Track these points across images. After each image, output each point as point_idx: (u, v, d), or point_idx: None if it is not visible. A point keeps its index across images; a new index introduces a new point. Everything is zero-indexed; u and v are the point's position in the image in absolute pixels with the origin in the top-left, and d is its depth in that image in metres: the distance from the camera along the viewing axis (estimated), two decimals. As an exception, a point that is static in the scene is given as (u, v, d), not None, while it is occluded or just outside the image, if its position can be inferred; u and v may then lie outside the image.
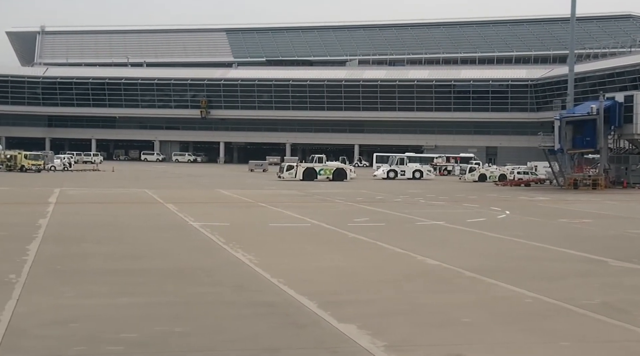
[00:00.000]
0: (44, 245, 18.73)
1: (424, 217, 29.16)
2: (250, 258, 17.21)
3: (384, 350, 9.42)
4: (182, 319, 11.04)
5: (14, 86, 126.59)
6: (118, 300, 12.38)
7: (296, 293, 13.08)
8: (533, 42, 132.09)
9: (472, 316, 11.47)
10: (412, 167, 73.23)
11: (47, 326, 10.48)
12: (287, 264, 16.55)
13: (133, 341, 9.74)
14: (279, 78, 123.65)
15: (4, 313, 11.14)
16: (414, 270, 16.03)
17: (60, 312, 11.33)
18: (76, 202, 34.54)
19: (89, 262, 16.36)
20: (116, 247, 19.00)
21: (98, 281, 14.01)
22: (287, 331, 10.44)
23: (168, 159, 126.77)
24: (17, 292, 12.77)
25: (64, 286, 13.38)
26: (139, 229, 23.28)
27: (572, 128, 52.51)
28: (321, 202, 38.30)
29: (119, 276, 14.75)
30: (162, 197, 38.50)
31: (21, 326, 10.42)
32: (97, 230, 22.72)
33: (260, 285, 14.01)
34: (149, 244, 19.74)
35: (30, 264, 15.75)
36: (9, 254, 17.24)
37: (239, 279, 14.57)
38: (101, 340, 9.73)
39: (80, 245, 19.18)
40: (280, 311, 11.70)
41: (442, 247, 19.96)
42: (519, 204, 38.53)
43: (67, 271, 15.15)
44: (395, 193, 45.78)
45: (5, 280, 13.95)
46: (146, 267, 15.96)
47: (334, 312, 11.53)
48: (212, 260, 17.10)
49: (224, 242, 20.08)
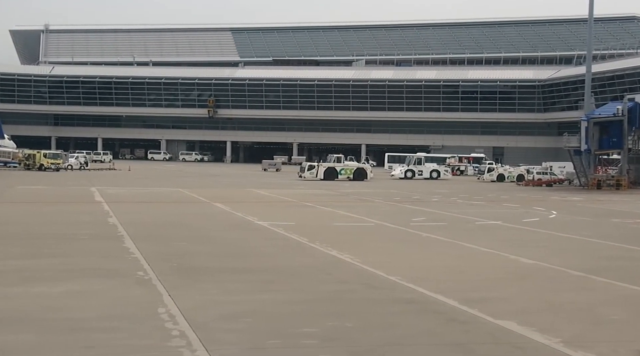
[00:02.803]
0: (140, 243, 19.00)
1: (477, 217, 29.56)
2: (350, 256, 17.55)
3: (564, 346, 9.80)
4: (344, 315, 11.38)
5: (21, 85, 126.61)
6: (262, 296, 12.69)
7: (427, 290, 13.43)
8: (539, 43, 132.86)
9: (618, 314, 11.86)
10: (430, 167, 73.76)
11: (226, 320, 10.83)
12: (390, 263, 16.88)
13: (319, 335, 10.09)
14: (287, 78, 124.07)
15: (172, 309, 11.48)
16: (516, 269, 16.42)
17: (223, 308, 11.67)
18: (123, 201, 34.77)
19: (198, 261, 16.68)
20: (209, 246, 19.31)
21: (225, 279, 14.35)
22: (454, 327, 10.80)
23: (175, 158, 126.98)
24: (161, 289, 13.10)
25: (200, 284, 13.70)
26: (213, 229, 23.57)
27: (598, 129, 53.13)
28: (362, 201, 38.66)
29: (238, 274, 15.07)
30: (203, 196, 38.81)
31: (199, 320, 10.74)
32: (173, 229, 23.02)
33: (384, 282, 14.36)
34: (236, 244, 20.06)
35: (145, 262, 16.04)
36: (114, 253, 17.56)
37: (359, 277, 14.92)
38: (288, 334, 10.09)
39: (172, 244, 19.48)
40: (428, 308, 12.06)
41: (523, 247, 20.31)
42: (557, 204, 38.98)
43: (185, 269, 15.45)
44: (427, 193, 46.20)
45: (139, 277, 14.29)
46: (255, 266, 16.27)
47: (481, 309, 11.89)
48: (314, 259, 17.42)
49: (309, 241, 20.44)
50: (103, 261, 16.30)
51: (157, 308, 11.60)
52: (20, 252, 17.35)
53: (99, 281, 13.75)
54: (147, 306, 11.75)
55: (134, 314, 11.20)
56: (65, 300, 12.15)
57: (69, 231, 21.76)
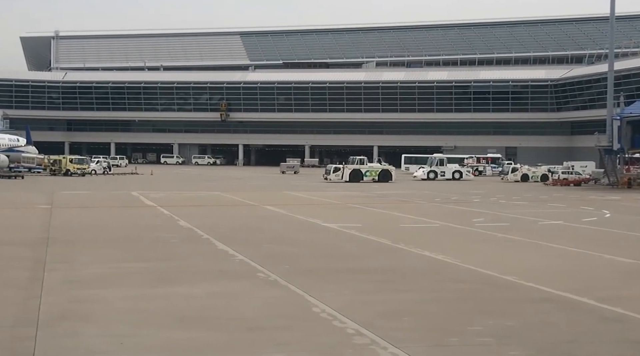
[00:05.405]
0: (233, 246, 19.19)
1: (535, 217, 29.85)
2: (445, 256, 17.83)
3: None
4: (494, 313, 11.68)
5: (34, 91, 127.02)
6: (397, 296, 12.99)
7: (554, 290, 13.68)
8: (549, 43, 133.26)
9: None
10: (452, 167, 74.09)
11: (387, 319, 11.11)
12: (491, 263, 17.12)
13: (488, 333, 10.40)
14: (298, 80, 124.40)
15: (325, 308, 11.77)
16: (621, 268, 16.70)
17: (374, 307, 11.96)
18: (174, 205, 34.93)
19: (305, 262, 16.96)
20: (299, 248, 19.57)
21: (347, 279, 14.59)
22: (612, 325, 11.10)
23: (187, 162, 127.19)
24: (296, 290, 13.37)
25: (329, 284, 13.99)
26: (286, 231, 23.81)
27: (630, 128, 53.43)
28: (403, 202, 38.93)
29: (355, 274, 15.32)
30: (247, 199, 39.09)
31: (361, 319, 11.02)
32: (249, 232, 23.28)
33: (504, 282, 14.62)
34: (323, 245, 20.31)
35: (256, 264, 16.28)
36: (217, 255, 17.87)
37: (472, 277, 15.21)
38: (459, 333, 10.38)
39: (263, 246, 19.73)
40: (571, 307, 12.32)
41: (609, 246, 20.44)
42: (602, 203, 39.16)
43: (301, 270, 15.71)
44: (463, 194, 46.45)
45: (263, 278, 14.59)
46: (363, 267, 16.52)
47: (625, 307, 12.10)
48: (413, 260, 17.69)
49: (392, 242, 20.71)
50: (214, 263, 16.60)
51: (312, 308, 11.89)
52: (125, 255, 17.64)
53: (230, 283, 14.05)
54: (300, 306, 12.06)
55: (294, 314, 11.49)
56: (215, 300, 12.45)
57: (152, 234, 22.06)
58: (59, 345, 9.56)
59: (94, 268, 15.62)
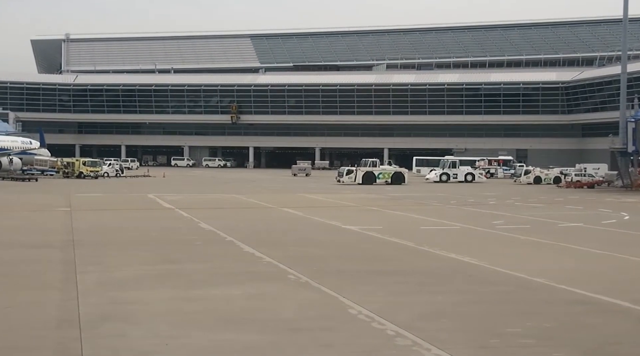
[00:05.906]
0: (259, 248, 19.27)
1: (555, 219, 29.84)
2: (471, 259, 17.87)
3: None
4: (531, 315, 11.73)
5: (45, 94, 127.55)
6: (432, 298, 13.05)
7: (587, 292, 13.72)
8: (560, 45, 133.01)
9: None
10: (464, 170, 74.04)
11: (426, 321, 11.17)
12: (518, 264, 17.12)
13: (529, 335, 10.45)
14: (309, 83, 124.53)
15: (362, 310, 11.83)
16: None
17: (411, 309, 12.02)
18: (192, 207, 35.00)
19: (333, 264, 17.03)
20: (325, 249, 19.64)
21: (379, 281, 14.65)
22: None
23: (198, 164, 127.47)
24: (329, 291, 13.43)
25: (361, 286, 14.05)
26: (309, 233, 23.89)
27: (646, 131, 53.44)
28: (421, 205, 38.93)
29: (385, 276, 15.39)
30: (264, 201, 39.15)
31: (400, 320, 11.08)
32: (272, 234, 23.39)
33: (535, 284, 14.63)
34: (347, 247, 20.38)
35: (285, 266, 16.34)
36: (244, 257, 17.94)
37: (503, 279, 15.25)
38: (499, 334, 10.44)
39: (289, 248, 19.81)
40: (607, 309, 12.38)
41: (634, 248, 20.51)
42: (618, 205, 39.19)
43: (331, 272, 15.78)
44: (479, 197, 46.44)
45: (294, 280, 14.66)
46: (392, 268, 16.62)
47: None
48: (441, 262, 17.70)
49: (416, 244, 20.76)
50: (243, 265, 16.69)
51: (348, 310, 11.96)
52: (154, 257, 17.73)
53: (263, 285, 14.12)
54: (336, 308, 12.12)
55: (332, 315, 11.56)
56: (253, 302, 12.53)
57: (176, 237, 22.15)
58: (107, 345, 9.64)
59: (126, 270, 15.72)
